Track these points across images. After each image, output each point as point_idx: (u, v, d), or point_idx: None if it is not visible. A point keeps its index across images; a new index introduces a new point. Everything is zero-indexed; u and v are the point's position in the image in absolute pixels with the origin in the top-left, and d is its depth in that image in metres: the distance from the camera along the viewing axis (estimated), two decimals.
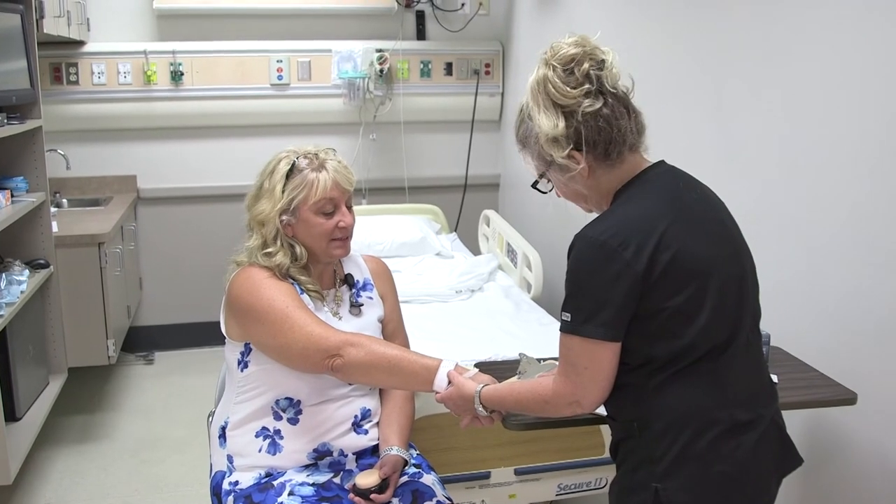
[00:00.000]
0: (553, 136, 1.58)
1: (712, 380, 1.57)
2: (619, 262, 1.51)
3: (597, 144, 1.58)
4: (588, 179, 1.63)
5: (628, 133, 1.60)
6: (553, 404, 1.63)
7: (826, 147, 2.23)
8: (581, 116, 1.57)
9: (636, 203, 1.60)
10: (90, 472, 3.46)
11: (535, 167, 1.70)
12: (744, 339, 1.62)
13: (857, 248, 2.14)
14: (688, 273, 1.54)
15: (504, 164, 5.11)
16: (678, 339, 1.55)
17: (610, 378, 1.57)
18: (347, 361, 1.90)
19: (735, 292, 1.60)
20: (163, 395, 4.22)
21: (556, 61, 1.59)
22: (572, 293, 1.57)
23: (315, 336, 1.92)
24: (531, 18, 4.52)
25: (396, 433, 2.10)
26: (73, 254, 3.67)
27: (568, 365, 1.58)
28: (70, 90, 4.46)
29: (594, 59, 1.58)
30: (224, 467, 2.11)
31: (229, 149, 4.75)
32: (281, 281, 2.03)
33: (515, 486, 2.69)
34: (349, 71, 4.72)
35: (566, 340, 1.57)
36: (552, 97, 1.58)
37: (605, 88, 1.58)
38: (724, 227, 1.65)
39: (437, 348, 2.96)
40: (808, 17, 2.27)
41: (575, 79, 1.57)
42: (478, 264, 4.01)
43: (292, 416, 2.05)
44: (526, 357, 2.20)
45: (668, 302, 1.53)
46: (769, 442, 1.63)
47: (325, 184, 2.03)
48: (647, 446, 1.59)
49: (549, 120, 1.58)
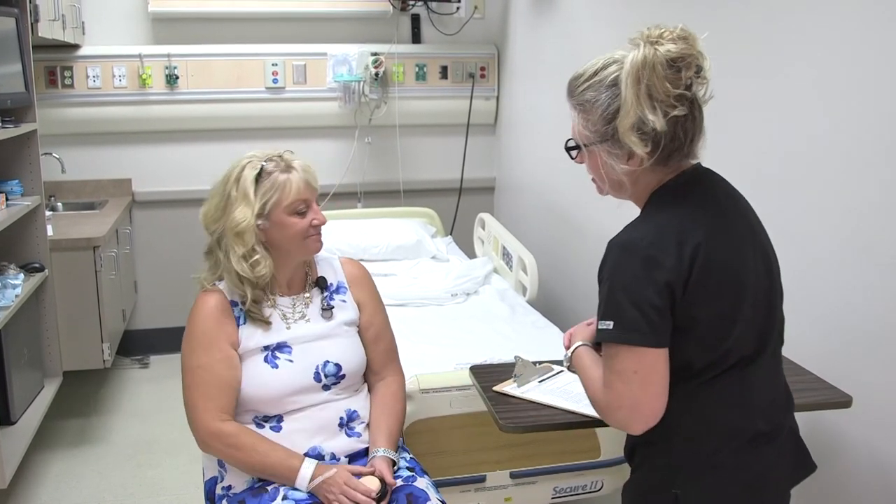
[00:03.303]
0: (636, 124, 1.49)
1: (739, 390, 1.57)
2: (659, 268, 1.48)
3: (664, 149, 1.52)
4: (633, 173, 1.57)
5: (695, 145, 1.56)
6: (603, 410, 1.57)
7: (823, 151, 2.23)
8: (666, 119, 1.48)
9: (674, 209, 1.55)
10: (86, 476, 3.45)
11: (581, 134, 1.61)
12: (770, 350, 1.61)
13: (853, 252, 2.15)
14: (723, 283, 1.52)
15: (499, 168, 5.11)
16: (711, 349, 1.53)
17: (664, 384, 1.51)
18: (211, 450, 2.03)
19: (765, 303, 1.59)
20: (158, 398, 4.21)
21: (663, 55, 1.47)
22: (613, 301, 1.51)
23: (195, 409, 2.02)
24: (526, 22, 4.53)
25: (384, 434, 2.10)
26: (68, 257, 3.67)
27: (613, 374, 1.52)
28: (65, 93, 4.46)
29: (697, 63, 1.50)
30: (216, 472, 2.11)
31: (225, 152, 4.66)
32: (222, 321, 2.06)
33: (511, 490, 2.69)
34: (344, 74, 4.72)
35: (612, 350, 1.51)
36: (651, 89, 1.47)
37: (695, 96, 1.52)
38: (756, 237, 1.62)
39: (433, 352, 2.98)
40: (808, 17, 2.27)
41: (679, 79, 1.48)
42: (473, 267, 4.01)
43: (274, 424, 2.06)
44: (522, 360, 2.21)
45: (703, 311, 1.51)
46: (786, 450, 1.64)
47: (298, 184, 2.05)
48: (669, 452, 1.59)
49: (642, 110, 1.48)
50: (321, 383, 2.10)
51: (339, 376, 2.12)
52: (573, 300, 4.00)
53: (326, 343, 2.14)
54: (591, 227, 3.76)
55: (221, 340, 2.05)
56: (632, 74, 1.49)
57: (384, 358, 2.24)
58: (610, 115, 1.54)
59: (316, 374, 2.09)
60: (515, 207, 4.84)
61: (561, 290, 4.11)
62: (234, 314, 2.09)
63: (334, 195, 4.77)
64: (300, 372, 2.08)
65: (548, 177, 4.31)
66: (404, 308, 3.58)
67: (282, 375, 2.06)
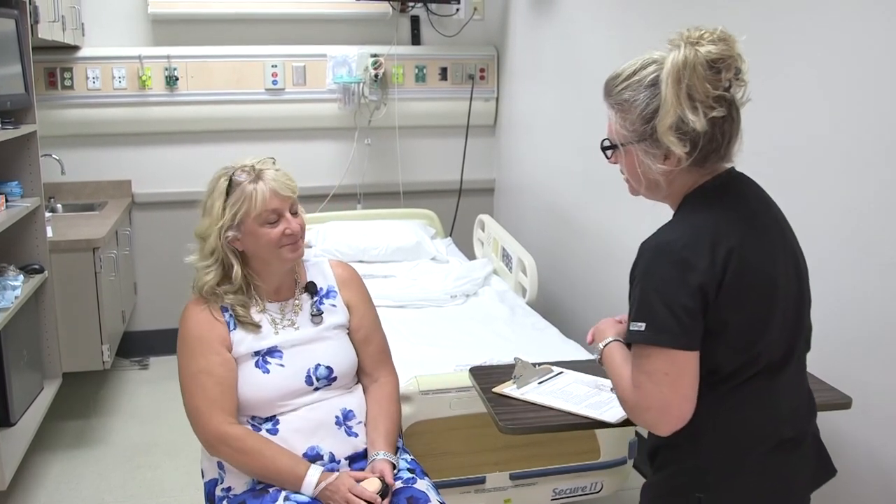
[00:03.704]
0: (675, 124, 1.49)
1: (766, 396, 1.57)
2: (692, 271, 1.47)
3: (702, 150, 1.52)
4: (669, 173, 1.57)
5: (731, 147, 1.56)
6: (632, 410, 1.57)
7: (823, 151, 2.23)
8: (705, 119, 1.49)
9: (708, 212, 1.55)
10: (85, 478, 3.45)
11: (618, 133, 1.60)
12: (797, 358, 1.61)
13: (853, 253, 2.15)
14: (756, 287, 1.52)
15: (499, 169, 5.11)
16: (741, 353, 1.53)
17: (694, 387, 1.50)
18: (219, 455, 2.03)
19: (794, 309, 1.59)
20: (158, 400, 4.20)
21: (704, 56, 1.47)
22: (646, 303, 1.51)
23: (200, 415, 2.02)
24: (526, 23, 4.53)
25: (382, 436, 2.11)
26: (68, 259, 3.66)
27: (643, 374, 1.51)
28: (65, 95, 4.45)
29: (736, 65, 1.50)
30: (216, 474, 2.11)
31: (224, 154, 4.66)
32: (213, 325, 2.08)
33: (511, 491, 2.69)
34: (344, 76, 4.72)
35: (643, 351, 1.51)
36: (691, 90, 1.48)
37: (734, 98, 1.53)
38: (787, 243, 1.62)
39: (433, 353, 2.97)
40: (808, 19, 2.28)
41: (719, 80, 1.49)
42: (473, 269, 4.01)
43: (270, 427, 2.06)
44: (521, 361, 2.21)
45: (735, 315, 1.50)
46: (809, 456, 1.65)
47: (264, 194, 2.05)
48: (695, 456, 1.58)
49: (682, 110, 1.48)
50: (312, 386, 2.11)
51: (331, 378, 2.13)
52: (573, 302, 4.00)
53: (317, 346, 2.14)
54: (590, 228, 3.77)
55: (216, 343, 2.06)
56: (672, 74, 1.49)
57: (376, 359, 2.24)
58: (648, 114, 1.54)
59: (308, 377, 2.10)
60: (515, 209, 4.85)
61: (560, 292, 4.11)
62: (225, 319, 2.10)
63: (334, 196, 4.78)
64: (291, 376, 2.09)
65: (547, 178, 4.32)
66: (404, 309, 3.58)
67: (273, 380, 2.07)
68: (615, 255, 3.52)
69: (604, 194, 3.59)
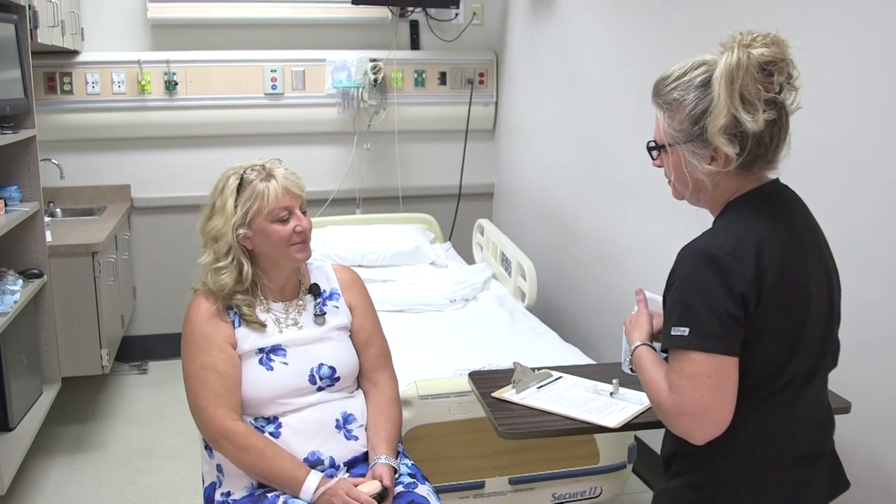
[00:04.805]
0: (728, 126, 1.50)
1: (790, 412, 1.57)
2: (736, 278, 1.47)
3: (750, 153, 1.52)
4: (715, 175, 1.57)
5: (778, 152, 1.56)
6: (667, 415, 1.55)
7: (825, 156, 2.23)
8: (756, 122, 1.49)
9: (753, 221, 1.55)
10: (84, 483, 3.45)
11: (666, 133, 1.61)
12: (822, 374, 1.62)
13: (853, 258, 2.15)
14: (794, 299, 1.52)
15: (498, 174, 5.12)
16: (771, 365, 1.53)
17: (733, 395, 1.49)
18: (222, 450, 2.03)
19: (824, 325, 1.59)
20: (157, 404, 4.20)
21: (756, 58, 1.48)
22: (690, 308, 1.50)
23: (204, 411, 2.03)
24: (525, 28, 4.54)
25: (384, 440, 2.11)
26: (67, 263, 3.66)
27: (684, 378, 1.50)
28: (64, 100, 4.46)
29: (787, 69, 1.51)
30: (214, 478, 2.11)
31: (224, 158, 4.64)
32: (217, 322, 2.09)
33: (510, 496, 2.69)
34: (343, 80, 4.73)
35: (686, 356, 1.50)
36: (744, 90, 1.48)
37: (784, 102, 1.53)
38: (822, 259, 1.62)
39: (432, 358, 2.97)
40: (807, 20, 2.28)
41: (771, 83, 1.49)
42: (472, 273, 4.01)
43: (273, 430, 2.07)
44: (520, 366, 2.21)
45: (771, 326, 1.50)
46: (825, 471, 1.65)
47: (276, 191, 2.08)
48: (714, 467, 1.58)
49: (735, 110, 1.48)
50: (316, 385, 2.11)
51: (334, 378, 2.13)
52: (572, 306, 4.00)
53: (320, 346, 2.15)
54: (590, 232, 3.77)
55: (220, 340, 2.07)
56: (726, 75, 1.49)
57: (376, 362, 2.25)
58: (697, 114, 1.55)
59: (311, 376, 2.11)
60: (514, 213, 4.85)
61: (560, 296, 4.11)
62: (230, 317, 2.11)
63: (333, 201, 4.78)
64: (295, 374, 2.10)
65: (547, 183, 4.32)
66: (403, 314, 3.59)
67: (277, 377, 2.08)
68: (615, 259, 3.52)
69: (603, 199, 3.59)
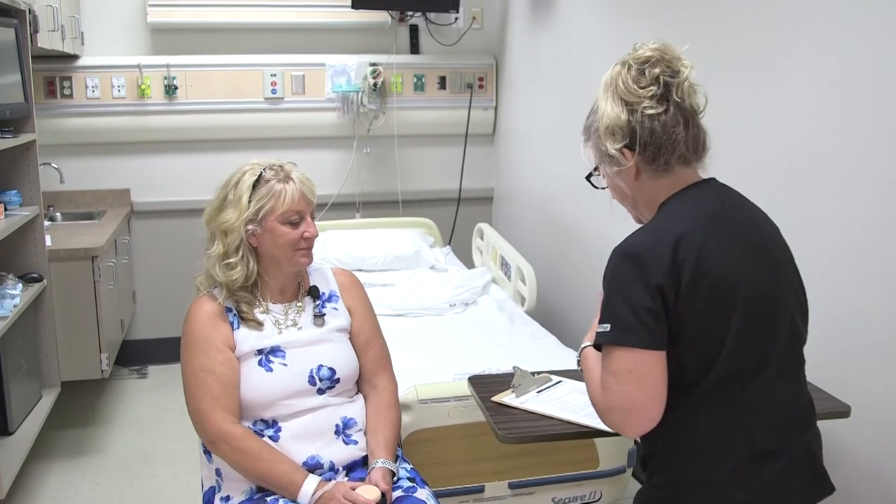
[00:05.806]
0: (611, 125, 1.61)
1: (735, 407, 1.56)
2: (652, 272, 1.51)
3: (647, 147, 1.60)
4: (634, 181, 1.65)
5: (680, 143, 1.60)
6: (600, 411, 1.60)
7: (824, 158, 2.23)
8: (640, 116, 1.59)
9: (673, 216, 1.60)
10: (83, 487, 3.44)
11: (591, 158, 1.73)
12: (775, 366, 1.59)
13: (852, 261, 2.15)
14: (717, 291, 1.53)
15: (498, 178, 5.12)
16: (702, 357, 1.54)
17: (660, 388, 1.52)
18: (219, 453, 2.02)
19: (766, 317, 1.58)
20: (156, 409, 4.20)
21: (632, 60, 1.61)
22: (611, 304, 1.56)
23: (202, 413, 2.03)
24: (525, 32, 4.54)
25: (382, 444, 2.11)
26: (67, 267, 3.67)
27: (609, 374, 1.54)
28: (64, 104, 4.46)
29: (670, 66, 1.60)
30: (214, 482, 2.11)
31: (223, 162, 4.65)
32: (217, 324, 2.09)
33: (509, 500, 2.68)
34: (343, 85, 4.73)
35: (609, 352, 1.55)
36: (619, 92, 1.60)
37: (671, 96, 1.59)
38: (764, 251, 1.63)
39: (431, 362, 2.97)
40: (807, 20, 2.28)
41: (645, 79, 1.59)
42: (472, 277, 4.01)
43: (272, 434, 2.06)
44: (520, 370, 2.21)
45: (692, 317, 1.52)
46: (798, 471, 1.62)
47: (293, 195, 2.10)
48: (669, 467, 1.60)
49: (612, 110, 1.61)
50: (316, 387, 2.11)
51: (334, 380, 2.13)
52: (572, 310, 4.00)
53: (320, 348, 2.15)
54: (589, 237, 3.77)
55: (219, 343, 2.07)
56: (602, 88, 1.64)
57: (375, 365, 2.25)
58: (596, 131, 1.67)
59: (311, 377, 2.11)
60: (514, 217, 4.85)
61: (559, 301, 4.11)
62: (229, 319, 2.11)
63: (333, 205, 4.78)
64: (294, 375, 2.09)
65: (546, 187, 4.32)
66: (402, 318, 3.59)
67: (276, 378, 2.08)
68: None
69: (602, 203, 3.58)
